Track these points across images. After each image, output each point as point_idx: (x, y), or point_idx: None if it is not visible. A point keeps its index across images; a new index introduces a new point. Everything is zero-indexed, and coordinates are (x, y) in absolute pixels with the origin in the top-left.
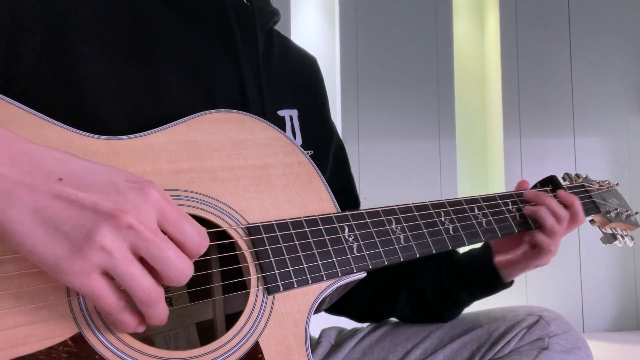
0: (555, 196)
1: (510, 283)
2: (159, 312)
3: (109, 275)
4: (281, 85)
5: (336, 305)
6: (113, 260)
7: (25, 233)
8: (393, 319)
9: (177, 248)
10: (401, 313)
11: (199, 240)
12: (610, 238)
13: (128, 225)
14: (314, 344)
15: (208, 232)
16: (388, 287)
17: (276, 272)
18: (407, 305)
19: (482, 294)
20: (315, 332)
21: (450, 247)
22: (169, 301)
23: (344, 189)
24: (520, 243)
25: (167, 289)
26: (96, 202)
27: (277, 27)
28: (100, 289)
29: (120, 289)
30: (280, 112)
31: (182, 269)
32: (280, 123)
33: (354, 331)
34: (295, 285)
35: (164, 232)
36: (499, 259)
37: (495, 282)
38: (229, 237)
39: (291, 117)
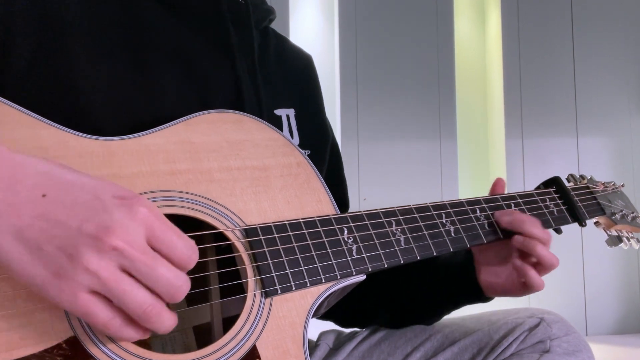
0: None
1: (492, 298)
2: (163, 323)
3: (101, 295)
4: (277, 84)
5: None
6: (101, 280)
7: (9, 253)
8: None
9: (167, 263)
10: (381, 320)
11: (189, 254)
12: (615, 240)
13: (113, 248)
14: (312, 347)
15: (205, 234)
16: (366, 298)
17: (274, 274)
18: (385, 314)
19: (464, 304)
20: (313, 335)
21: (451, 249)
22: (166, 305)
23: (334, 191)
24: (506, 255)
25: None
26: (80, 223)
27: (275, 25)
28: (90, 308)
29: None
30: (277, 112)
31: (175, 284)
32: (277, 122)
33: (353, 334)
34: (294, 288)
35: (153, 249)
36: (484, 277)
37: (477, 298)
38: (226, 239)
39: (288, 117)
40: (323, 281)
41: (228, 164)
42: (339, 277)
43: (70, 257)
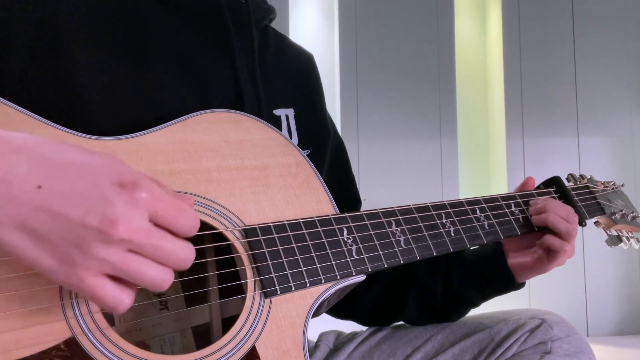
0: (558, 198)
1: (523, 284)
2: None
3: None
4: (277, 84)
5: (342, 309)
6: (111, 264)
7: (13, 241)
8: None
9: (173, 238)
10: (409, 316)
11: (190, 225)
12: (615, 240)
13: (120, 239)
14: (312, 347)
15: (204, 234)
16: (395, 291)
17: (273, 275)
18: (415, 308)
19: (494, 295)
20: (313, 336)
21: (451, 250)
22: (165, 305)
23: (342, 187)
24: (532, 245)
25: (162, 293)
26: (83, 217)
27: (275, 25)
28: (99, 290)
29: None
30: (276, 112)
31: (181, 256)
32: (276, 122)
33: (353, 335)
34: (293, 289)
35: (158, 226)
36: (512, 260)
37: (508, 284)
38: (225, 239)
39: (287, 117)
40: (323, 282)
41: (227, 164)
42: (338, 277)
43: (77, 247)
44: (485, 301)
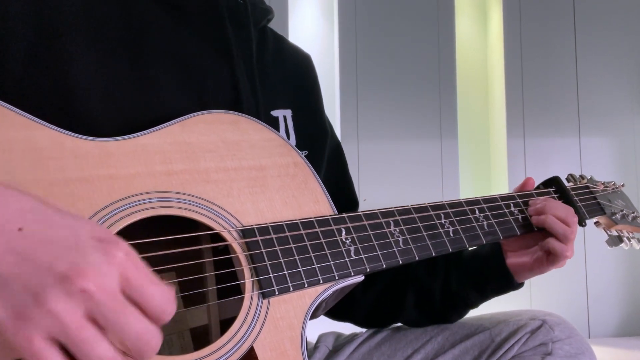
0: (558, 198)
1: (522, 284)
2: None
3: (61, 345)
4: (275, 84)
5: (340, 310)
6: (62, 325)
7: None
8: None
9: (138, 313)
10: (407, 317)
11: (164, 307)
12: (616, 240)
13: (81, 290)
14: (311, 349)
15: (201, 235)
16: (394, 291)
17: (271, 275)
18: (414, 309)
19: (493, 295)
20: (312, 337)
21: (450, 250)
22: None
23: (340, 189)
24: (532, 245)
25: None
26: (51, 261)
27: (274, 24)
28: (43, 355)
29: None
30: (274, 113)
31: (144, 338)
32: (273, 123)
33: (353, 336)
34: (291, 289)
35: (127, 297)
36: (511, 260)
37: (507, 284)
38: (223, 240)
39: (285, 118)
40: (321, 282)
41: (225, 165)
42: (337, 277)
43: (35, 296)
44: (485, 301)
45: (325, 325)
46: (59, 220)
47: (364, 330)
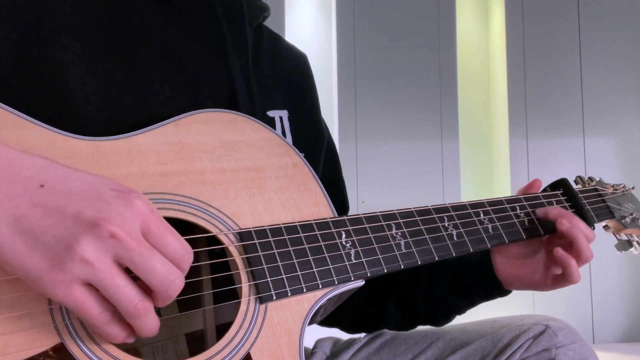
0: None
1: (510, 290)
2: (149, 324)
3: (93, 287)
4: (271, 84)
5: (326, 316)
6: (95, 272)
7: (5, 243)
8: None
9: (162, 257)
10: (392, 322)
11: (183, 254)
12: (625, 245)
13: (110, 234)
14: (308, 355)
15: (197, 237)
16: (376, 297)
17: (269, 279)
18: (397, 316)
19: (481, 301)
20: (309, 343)
21: (454, 254)
22: (157, 311)
23: (332, 193)
24: (529, 254)
25: None
26: (78, 211)
27: (271, 22)
28: (83, 301)
29: (106, 299)
30: (270, 113)
31: (169, 278)
32: (270, 124)
33: (350, 342)
34: (289, 294)
35: (149, 243)
36: (504, 270)
37: (496, 291)
38: (219, 243)
39: (281, 118)
40: (320, 287)
41: (221, 165)
42: (336, 282)
43: (67, 246)
44: (473, 307)
45: (322, 330)
46: (76, 175)
47: (362, 335)
